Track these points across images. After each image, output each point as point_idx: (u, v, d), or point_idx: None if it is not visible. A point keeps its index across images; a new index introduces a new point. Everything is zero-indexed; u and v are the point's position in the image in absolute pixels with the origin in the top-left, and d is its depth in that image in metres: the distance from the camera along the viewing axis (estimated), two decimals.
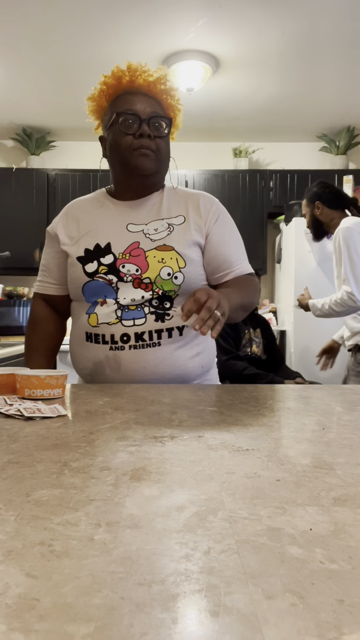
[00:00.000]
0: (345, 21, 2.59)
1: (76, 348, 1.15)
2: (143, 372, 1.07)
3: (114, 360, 1.07)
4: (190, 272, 1.09)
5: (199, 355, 1.12)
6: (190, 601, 0.26)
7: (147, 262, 1.07)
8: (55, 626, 0.24)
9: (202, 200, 1.16)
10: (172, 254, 1.08)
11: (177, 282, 1.07)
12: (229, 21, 2.59)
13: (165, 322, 1.07)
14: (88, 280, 1.09)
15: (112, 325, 1.07)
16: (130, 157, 1.09)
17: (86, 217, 1.17)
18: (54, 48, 2.86)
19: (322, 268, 3.32)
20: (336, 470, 0.47)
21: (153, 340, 1.07)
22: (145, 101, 1.10)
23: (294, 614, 0.25)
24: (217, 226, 1.14)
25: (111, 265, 1.08)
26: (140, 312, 1.07)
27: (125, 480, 0.44)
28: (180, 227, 1.11)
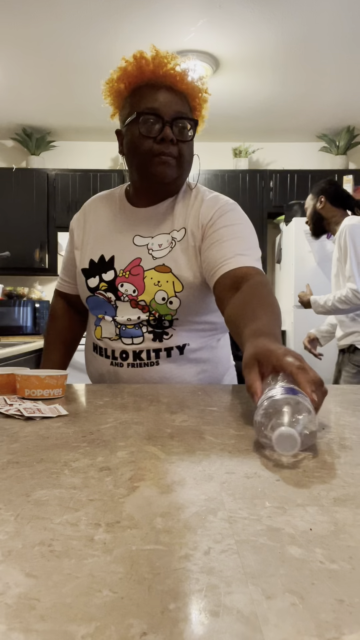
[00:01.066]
0: (345, 21, 2.59)
1: (88, 354, 1.17)
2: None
3: (114, 376, 1.08)
4: (189, 296, 1.01)
5: (205, 372, 1.08)
6: (190, 601, 0.26)
7: (144, 283, 1.02)
8: (55, 626, 0.24)
9: (204, 207, 1.05)
10: (168, 277, 1.01)
11: (173, 307, 1.01)
12: (229, 21, 2.59)
13: (163, 342, 1.04)
14: (90, 295, 1.09)
15: (113, 341, 1.07)
16: (149, 163, 1.00)
17: (99, 220, 1.13)
18: (54, 48, 2.87)
19: (322, 268, 3.32)
20: (336, 470, 0.47)
21: (151, 359, 1.04)
22: (169, 98, 0.99)
23: (294, 614, 0.25)
24: (216, 227, 1.02)
25: (111, 282, 1.06)
26: (138, 331, 1.04)
27: (125, 480, 0.44)
28: (180, 244, 1.03)
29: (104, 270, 1.07)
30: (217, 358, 1.12)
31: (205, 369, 1.09)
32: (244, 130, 4.04)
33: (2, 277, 4.09)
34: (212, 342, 1.11)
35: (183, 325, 1.05)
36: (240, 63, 3.04)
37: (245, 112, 3.70)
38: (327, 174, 3.94)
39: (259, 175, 3.96)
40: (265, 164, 4.30)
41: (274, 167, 4.25)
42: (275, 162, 4.29)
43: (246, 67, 3.09)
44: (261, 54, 2.93)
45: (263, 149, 4.26)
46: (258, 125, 3.95)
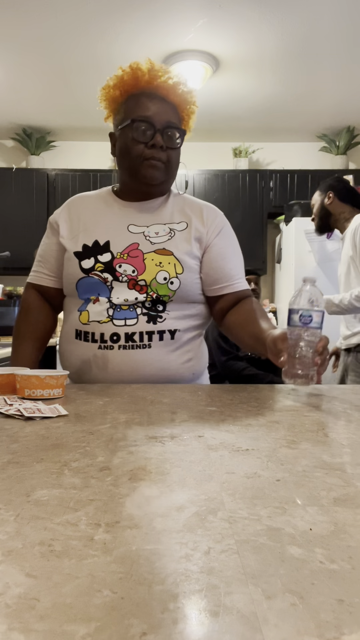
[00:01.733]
0: (345, 21, 2.59)
1: (65, 345, 1.13)
2: (131, 373, 1.05)
3: (102, 360, 1.06)
4: (187, 279, 1.07)
5: (190, 361, 1.11)
6: (190, 601, 0.26)
7: (144, 264, 1.06)
8: (55, 626, 0.24)
9: (205, 210, 1.14)
10: (170, 259, 1.06)
11: (173, 288, 1.05)
12: (229, 21, 2.59)
13: (157, 324, 1.05)
14: (83, 277, 1.08)
15: (102, 323, 1.06)
16: (140, 166, 1.07)
17: (88, 213, 1.16)
18: (54, 48, 2.87)
19: (322, 268, 3.32)
20: (336, 470, 0.47)
21: (143, 341, 1.05)
22: (161, 107, 1.07)
23: (294, 614, 0.25)
24: (219, 239, 1.13)
25: (108, 263, 1.07)
26: (132, 313, 1.05)
27: (125, 480, 0.44)
28: (181, 234, 1.10)
29: (99, 253, 1.09)
30: (201, 352, 1.15)
31: (192, 358, 1.11)
32: (244, 130, 4.04)
33: (2, 277, 4.09)
34: (197, 337, 1.14)
35: (175, 310, 1.08)
36: (240, 63, 3.04)
37: (245, 112, 3.70)
38: (327, 174, 3.93)
39: (259, 175, 3.96)
40: (265, 164, 4.30)
41: (274, 167, 4.25)
42: (275, 162, 4.29)
43: (246, 67, 3.09)
44: (261, 54, 2.93)
45: (263, 149, 4.27)
46: (258, 125, 3.95)
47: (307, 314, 0.86)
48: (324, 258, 3.32)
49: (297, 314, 0.86)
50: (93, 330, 1.06)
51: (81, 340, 1.08)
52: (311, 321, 0.86)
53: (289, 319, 0.88)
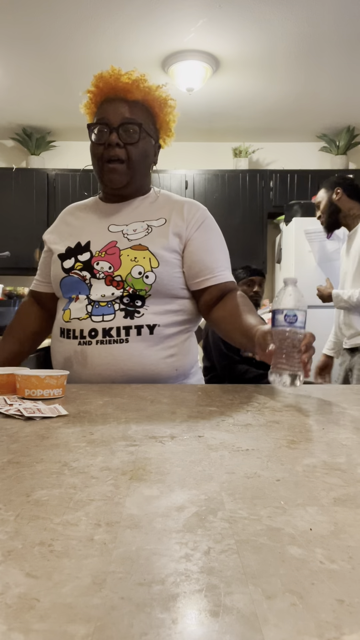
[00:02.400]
0: (345, 21, 2.59)
1: (53, 344, 1.17)
2: (109, 368, 1.06)
3: (81, 355, 1.07)
4: (164, 272, 1.08)
5: (172, 357, 1.11)
6: (190, 601, 0.26)
7: (120, 260, 1.08)
8: (55, 626, 0.24)
9: (187, 206, 1.16)
10: (145, 254, 1.08)
11: (148, 282, 1.06)
12: (229, 21, 2.59)
13: (134, 320, 1.06)
14: (64, 276, 1.12)
15: (82, 320, 1.08)
16: (102, 170, 1.11)
17: (75, 219, 1.21)
18: (54, 48, 2.87)
19: (322, 268, 3.32)
20: (336, 470, 0.47)
21: (121, 336, 1.06)
22: (119, 106, 1.09)
23: (294, 614, 0.25)
24: (200, 232, 1.14)
25: (87, 262, 1.11)
26: (110, 309, 1.07)
27: (125, 480, 0.44)
28: (158, 229, 1.11)
29: (80, 253, 1.13)
30: (186, 349, 1.15)
31: (174, 354, 1.11)
32: (244, 130, 4.04)
33: (2, 277, 4.09)
34: (182, 333, 1.14)
35: (155, 305, 1.08)
36: (240, 63, 3.04)
37: (245, 112, 3.70)
38: (327, 174, 3.93)
39: (259, 175, 3.96)
40: (265, 164, 4.30)
41: (274, 167, 4.25)
42: (275, 162, 4.29)
43: (246, 67, 3.09)
44: (261, 54, 2.93)
45: (263, 149, 4.26)
46: (258, 125, 3.95)
47: (292, 314, 0.87)
48: (324, 258, 3.32)
49: (281, 314, 0.87)
50: (74, 327, 1.09)
51: (64, 337, 1.11)
52: (296, 320, 0.87)
53: (273, 320, 0.89)
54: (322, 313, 3.27)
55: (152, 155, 1.17)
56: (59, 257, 1.15)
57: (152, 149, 1.16)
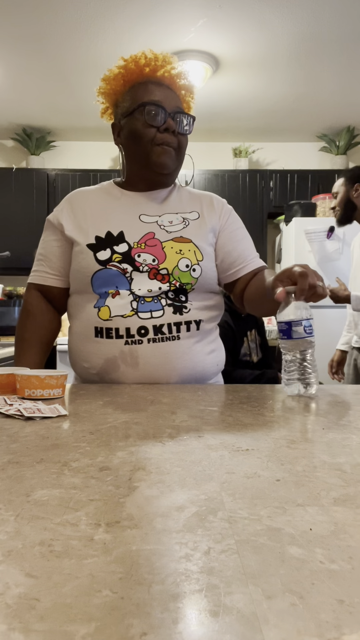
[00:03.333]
0: (345, 21, 2.59)
1: (81, 346, 1.06)
2: (163, 367, 1.01)
3: (130, 356, 1.01)
4: (207, 266, 1.07)
5: (214, 352, 1.10)
6: (190, 601, 0.26)
7: (164, 252, 1.03)
8: (55, 626, 0.24)
9: (215, 200, 1.17)
10: (190, 246, 1.05)
11: (195, 275, 1.04)
12: (229, 21, 2.59)
13: (183, 315, 1.03)
14: (100, 269, 1.02)
15: (127, 317, 1.01)
16: (151, 151, 1.05)
17: (93, 205, 1.11)
18: (53, 48, 2.87)
19: (322, 268, 3.32)
20: (336, 470, 0.47)
21: (172, 333, 1.02)
22: (169, 95, 1.07)
23: (294, 614, 0.25)
24: (230, 223, 1.15)
25: (126, 253, 1.02)
26: (157, 304, 1.02)
27: (125, 480, 0.44)
28: (195, 222, 1.10)
29: (115, 243, 1.04)
30: (220, 343, 1.15)
31: (215, 349, 1.11)
32: (244, 130, 4.04)
33: (2, 277, 4.09)
34: (215, 328, 1.14)
35: (197, 300, 1.07)
36: (240, 63, 3.04)
37: (246, 112, 3.70)
38: (327, 174, 3.94)
39: (259, 175, 3.95)
40: (265, 164, 4.30)
41: (274, 167, 4.25)
42: (275, 162, 4.29)
43: (246, 67, 3.09)
44: (261, 54, 2.93)
45: (263, 149, 4.26)
46: (258, 125, 3.95)
47: (309, 324, 0.87)
48: (324, 258, 3.32)
49: (300, 326, 0.86)
50: (117, 326, 1.01)
51: (103, 337, 1.02)
52: (312, 330, 0.87)
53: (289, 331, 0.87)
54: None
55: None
56: (89, 247, 1.04)
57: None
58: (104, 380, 1.05)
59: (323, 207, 3.49)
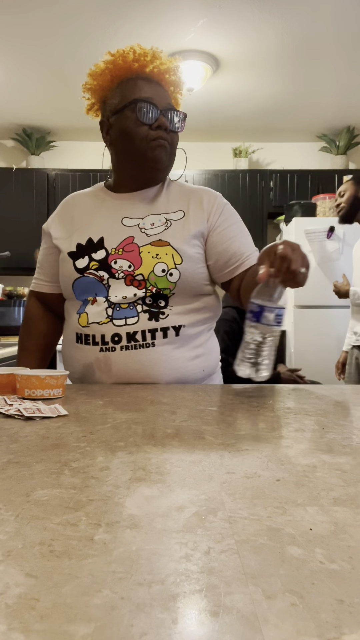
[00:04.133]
0: (345, 21, 2.59)
1: (67, 350, 1.10)
2: (136, 374, 1.00)
3: (104, 363, 1.01)
4: (188, 269, 1.01)
5: (199, 357, 1.06)
6: (190, 601, 0.26)
7: (140, 257, 1.01)
8: (55, 626, 0.24)
9: (205, 195, 1.10)
10: (167, 250, 1.01)
11: (172, 280, 1.00)
12: (229, 21, 2.59)
13: (159, 321, 1.00)
14: (78, 277, 1.04)
15: (102, 324, 1.01)
16: (146, 148, 1.03)
17: (81, 210, 1.12)
18: (53, 48, 2.87)
19: (322, 268, 3.32)
20: (336, 470, 0.47)
21: (146, 340, 0.99)
22: (160, 91, 1.04)
23: (294, 614, 0.25)
24: (222, 220, 1.08)
25: (103, 260, 1.03)
26: (132, 311, 1.00)
27: (125, 480, 0.44)
28: (178, 223, 1.05)
29: (93, 251, 1.04)
30: (210, 347, 1.10)
31: (200, 355, 1.06)
32: (244, 130, 4.04)
33: (2, 277, 4.09)
34: (205, 329, 1.09)
35: (179, 304, 1.02)
36: (240, 63, 3.04)
37: (245, 112, 3.70)
38: (327, 174, 3.94)
39: (259, 175, 3.95)
40: (265, 164, 4.30)
41: (274, 167, 4.25)
42: (275, 162, 4.29)
43: (246, 67, 3.09)
44: (261, 54, 2.93)
45: (263, 149, 4.26)
46: (258, 125, 3.95)
47: (282, 313, 0.83)
48: (324, 258, 3.32)
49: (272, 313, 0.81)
50: (93, 333, 1.02)
51: (82, 344, 1.04)
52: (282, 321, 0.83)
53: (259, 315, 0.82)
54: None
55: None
56: (69, 255, 1.06)
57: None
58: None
59: (323, 207, 3.49)
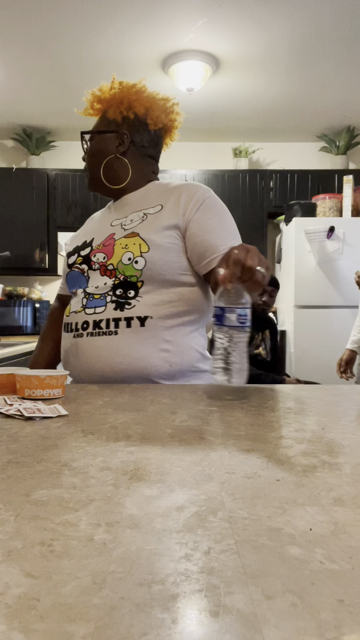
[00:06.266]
0: (345, 21, 2.59)
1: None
2: (98, 361, 1.05)
3: (75, 348, 1.09)
4: (154, 257, 1.04)
5: (167, 352, 1.05)
6: (190, 601, 0.26)
7: (113, 249, 1.09)
8: (55, 626, 0.24)
9: (185, 189, 1.13)
10: (136, 240, 1.07)
11: (138, 267, 1.04)
12: (229, 21, 2.59)
13: (124, 311, 1.04)
14: (68, 271, 1.18)
15: (78, 313, 1.10)
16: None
17: (92, 221, 1.28)
18: (54, 48, 2.87)
19: (322, 268, 3.32)
20: (336, 470, 0.47)
21: (110, 328, 1.04)
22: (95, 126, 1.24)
23: (294, 614, 0.25)
24: (200, 213, 1.09)
25: (86, 255, 1.15)
26: (102, 301, 1.07)
27: (125, 480, 0.44)
28: (153, 215, 1.10)
29: (82, 249, 1.18)
30: (184, 346, 1.08)
31: (168, 349, 1.05)
32: (244, 130, 4.04)
33: (2, 277, 4.09)
34: (181, 326, 1.08)
35: (148, 294, 1.05)
36: (240, 63, 3.04)
37: (246, 112, 3.70)
38: (327, 174, 3.94)
39: (259, 175, 3.95)
40: (265, 164, 4.30)
41: (274, 167, 4.25)
42: (275, 162, 4.29)
43: (246, 67, 3.09)
44: (261, 54, 2.93)
45: (263, 149, 4.26)
46: (258, 125, 3.95)
47: (244, 313, 0.80)
48: (324, 258, 3.32)
49: (234, 313, 0.79)
50: (71, 321, 1.12)
51: (65, 332, 1.14)
52: (247, 321, 0.81)
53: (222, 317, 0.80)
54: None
55: (111, 146, 1.20)
56: (67, 255, 1.21)
57: (110, 140, 1.21)
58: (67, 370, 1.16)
59: (323, 207, 3.49)
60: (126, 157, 1.19)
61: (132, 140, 1.19)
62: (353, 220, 3.34)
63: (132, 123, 1.19)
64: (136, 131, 1.19)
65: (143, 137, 1.20)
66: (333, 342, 3.23)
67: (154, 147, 1.23)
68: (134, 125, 1.19)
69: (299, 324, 3.30)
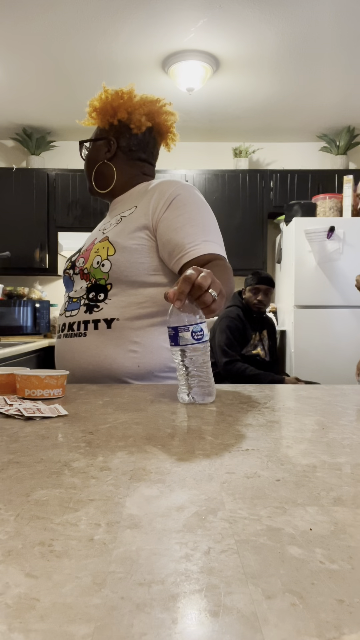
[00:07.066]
0: (345, 21, 2.59)
1: None
2: (70, 361, 1.11)
3: (56, 349, 1.17)
4: (119, 259, 1.07)
5: (135, 352, 1.07)
6: (190, 601, 0.26)
7: (90, 254, 1.15)
8: (55, 626, 0.24)
9: (159, 187, 1.11)
10: (105, 244, 1.11)
11: (104, 270, 1.09)
12: (229, 21, 2.59)
13: (92, 314, 1.10)
14: (63, 276, 1.25)
15: (60, 316, 1.19)
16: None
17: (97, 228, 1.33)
18: (54, 48, 2.87)
19: (322, 268, 3.32)
20: (336, 470, 0.47)
21: (80, 330, 1.11)
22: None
23: (294, 614, 0.25)
24: (170, 210, 1.07)
25: (74, 261, 1.21)
26: (77, 304, 1.14)
27: (125, 480, 0.44)
28: (127, 218, 1.13)
29: (75, 254, 1.24)
30: (152, 347, 1.08)
31: (135, 350, 1.07)
32: (244, 130, 4.04)
33: (2, 277, 4.09)
34: (150, 327, 1.09)
35: (117, 297, 1.09)
36: (240, 63, 3.04)
37: (245, 112, 3.70)
38: (327, 174, 3.94)
39: (259, 175, 3.95)
40: (265, 164, 4.30)
41: (274, 167, 4.25)
42: (275, 162, 4.29)
43: (246, 67, 3.09)
44: (261, 54, 2.93)
45: (263, 149, 4.26)
46: (258, 125, 3.95)
47: (198, 329, 0.78)
48: (324, 258, 3.31)
49: (188, 331, 0.77)
50: (56, 324, 1.22)
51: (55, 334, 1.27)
52: (203, 335, 0.78)
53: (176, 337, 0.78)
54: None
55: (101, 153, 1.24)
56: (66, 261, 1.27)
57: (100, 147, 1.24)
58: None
59: (323, 207, 3.49)
60: (113, 162, 1.22)
61: (119, 145, 1.22)
62: (353, 220, 3.34)
63: (117, 129, 1.21)
64: (122, 136, 1.21)
65: (130, 141, 1.21)
66: (333, 342, 3.23)
67: (143, 149, 1.23)
68: (119, 131, 1.21)
69: (299, 324, 3.30)
